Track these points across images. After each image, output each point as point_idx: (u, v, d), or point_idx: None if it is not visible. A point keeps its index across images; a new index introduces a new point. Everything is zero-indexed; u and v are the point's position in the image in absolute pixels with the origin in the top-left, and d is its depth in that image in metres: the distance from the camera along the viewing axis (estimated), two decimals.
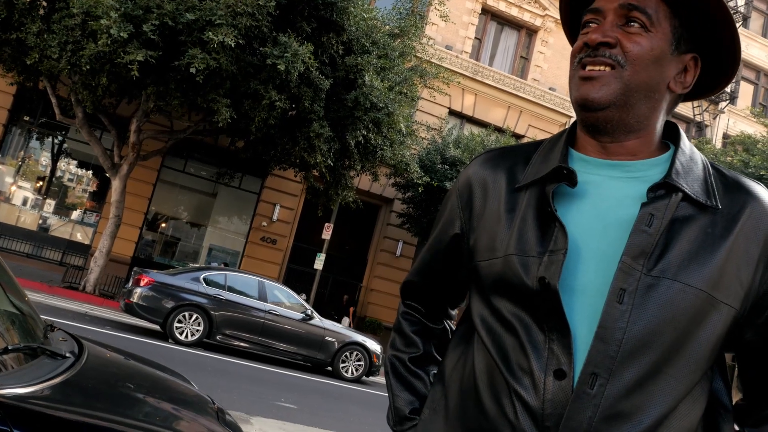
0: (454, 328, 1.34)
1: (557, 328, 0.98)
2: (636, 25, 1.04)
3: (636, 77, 1.03)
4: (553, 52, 21.74)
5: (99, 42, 10.56)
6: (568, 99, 21.71)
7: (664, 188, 1.02)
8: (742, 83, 24.44)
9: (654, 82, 1.05)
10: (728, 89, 23.07)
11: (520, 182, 1.12)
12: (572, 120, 1.13)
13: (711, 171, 1.08)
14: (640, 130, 1.07)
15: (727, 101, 23.41)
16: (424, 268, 1.31)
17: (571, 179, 1.06)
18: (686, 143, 1.10)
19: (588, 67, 1.05)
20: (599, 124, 1.06)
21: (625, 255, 0.98)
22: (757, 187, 1.07)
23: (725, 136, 23.23)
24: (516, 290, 1.03)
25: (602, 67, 1.04)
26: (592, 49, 1.05)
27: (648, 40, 1.04)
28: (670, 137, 1.13)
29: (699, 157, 1.10)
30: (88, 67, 11.07)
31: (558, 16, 21.11)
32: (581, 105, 1.06)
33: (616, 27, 1.05)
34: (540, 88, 21.25)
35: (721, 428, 1.04)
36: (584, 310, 0.99)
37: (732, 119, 23.79)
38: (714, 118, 23.51)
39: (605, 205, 1.05)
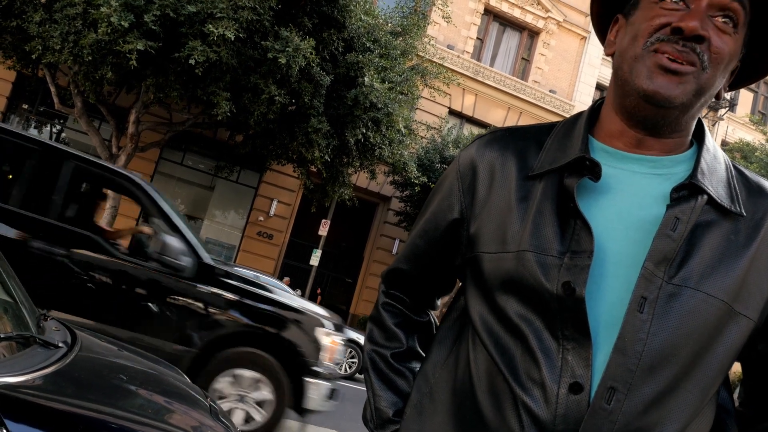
0: (436, 320, 1.23)
1: (575, 337, 0.89)
2: (729, 21, 0.93)
3: (710, 81, 0.93)
4: (555, 55, 21.73)
5: (99, 30, 10.53)
6: (568, 101, 21.79)
7: (687, 189, 0.94)
8: (742, 91, 24.49)
9: (718, 87, 0.96)
10: (728, 96, 23.11)
11: (534, 170, 1.01)
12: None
13: (734, 173, 1.00)
14: (684, 130, 0.99)
15: (727, 108, 23.46)
16: (415, 255, 1.19)
17: (594, 172, 0.96)
18: (710, 140, 1.02)
19: (671, 58, 0.92)
20: (656, 119, 0.96)
21: (648, 261, 0.90)
22: None
23: (724, 143, 23.28)
24: (530, 292, 0.94)
25: (684, 63, 0.91)
26: (682, 38, 0.91)
27: (734, 43, 0.94)
28: (694, 132, 1.05)
29: (722, 155, 1.02)
30: (90, 58, 11.05)
31: (560, 19, 21.18)
32: (651, 98, 0.92)
33: (707, 17, 0.92)
34: (540, 90, 21.24)
35: None
36: (602, 318, 0.91)
37: (731, 126, 23.84)
38: (713, 125, 23.55)
39: (627, 203, 0.96)
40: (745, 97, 24.68)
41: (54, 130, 17.93)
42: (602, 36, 1.12)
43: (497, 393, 0.94)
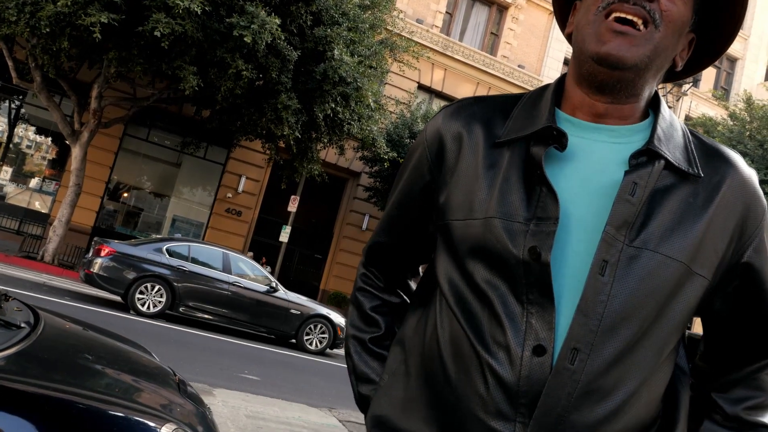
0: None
1: (539, 302, 0.92)
2: None
3: (664, 41, 0.97)
4: (523, 30, 21.74)
5: (58, 3, 10.19)
6: (537, 77, 21.86)
7: (646, 155, 0.97)
8: None
9: (672, 52, 1.00)
10: None
11: (500, 137, 1.04)
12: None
13: (690, 138, 1.04)
14: (639, 95, 1.02)
15: (690, 84, 23.83)
16: (391, 226, 1.21)
17: (560, 142, 0.99)
18: (666, 110, 1.06)
19: (622, 15, 0.95)
20: (612, 82, 0.98)
21: (609, 225, 0.93)
22: (736, 156, 1.04)
23: (687, 118, 23.69)
24: (496, 257, 0.96)
25: (635, 18, 0.95)
26: None
27: (683, 5, 0.98)
28: (650, 103, 1.08)
29: (678, 123, 1.06)
30: (47, 30, 10.68)
31: None
32: (604, 60, 0.96)
33: None
34: (509, 65, 21.27)
35: (679, 391, 1.03)
36: (566, 282, 0.94)
37: (694, 101, 24.24)
38: (677, 100, 23.92)
39: (590, 170, 0.99)
40: (708, 72, 25.08)
41: (12, 106, 17.39)
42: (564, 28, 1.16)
43: (463, 356, 0.97)
